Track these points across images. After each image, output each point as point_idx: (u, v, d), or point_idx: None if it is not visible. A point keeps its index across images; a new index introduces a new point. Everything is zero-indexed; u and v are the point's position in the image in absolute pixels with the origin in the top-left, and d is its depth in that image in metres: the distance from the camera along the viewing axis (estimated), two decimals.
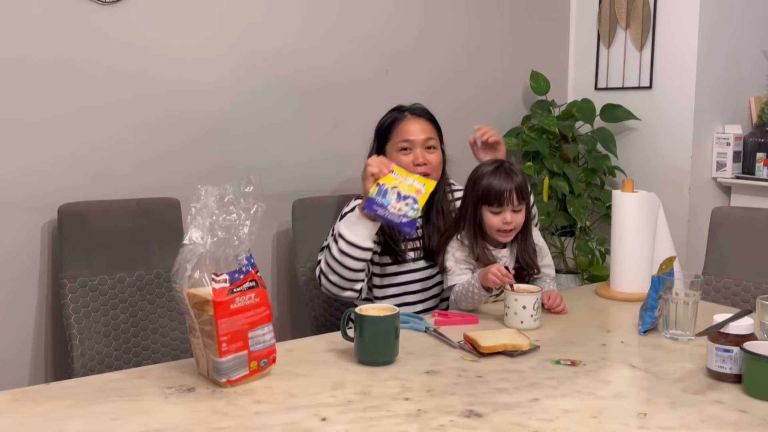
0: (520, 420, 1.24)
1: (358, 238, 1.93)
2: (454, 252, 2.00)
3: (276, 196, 2.49)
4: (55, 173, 2.23)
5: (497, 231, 1.96)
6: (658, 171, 3.13)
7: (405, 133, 2.09)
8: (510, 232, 1.97)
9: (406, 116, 2.13)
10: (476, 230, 1.99)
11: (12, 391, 1.36)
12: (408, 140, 2.08)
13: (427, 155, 2.09)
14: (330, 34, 2.73)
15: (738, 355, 1.39)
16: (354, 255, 1.94)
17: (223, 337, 1.34)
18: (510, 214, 1.95)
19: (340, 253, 1.94)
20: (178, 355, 2.23)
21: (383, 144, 2.13)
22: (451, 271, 1.98)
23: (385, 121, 2.16)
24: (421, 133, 2.10)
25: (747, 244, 2.25)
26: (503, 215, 1.95)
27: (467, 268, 1.98)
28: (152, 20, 2.36)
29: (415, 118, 2.12)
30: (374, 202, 1.86)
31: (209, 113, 2.49)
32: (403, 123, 2.11)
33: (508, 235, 1.98)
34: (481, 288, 1.85)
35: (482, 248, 1.98)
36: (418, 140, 2.08)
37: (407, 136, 2.09)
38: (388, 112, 2.19)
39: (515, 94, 3.29)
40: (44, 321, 2.27)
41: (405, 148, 2.08)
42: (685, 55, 3.03)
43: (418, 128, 2.10)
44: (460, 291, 1.91)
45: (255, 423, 1.23)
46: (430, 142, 2.10)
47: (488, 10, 3.14)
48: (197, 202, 1.38)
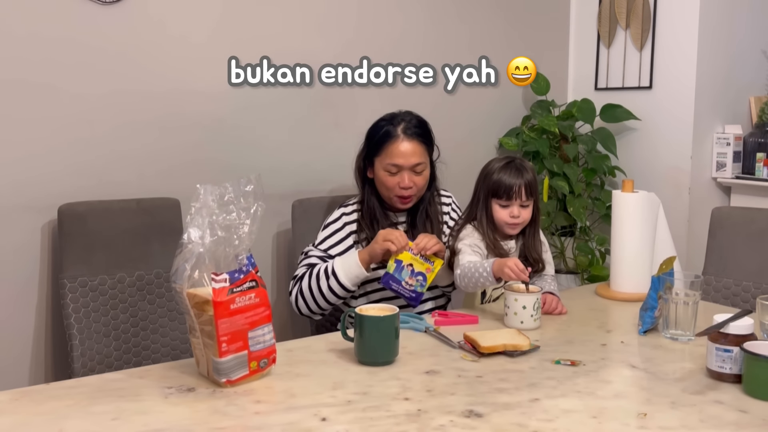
0: (520, 420, 1.24)
1: (350, 283, 2.01)
2: (468, 238, 2.02)
3: (276, 196, 2.49)
4: (55, 173, 2.23)
5: (505, 224, 2.01)
6: (658, 171, 3.13)
7: (395, 155, 2.05)
8: (517, 226, 2.01)
9: (399, 137, 2.06)
10: (486, 222, 2.03)
11: (12, 391, 1.36)
12: (397, 165, 2.06)
13: (414, 178, 2.07)
14: (330, 34, 2.73)
15: (738, 355, 1.39)
16: (340, 294, 2.03)
17: (223, 337, 1.34)
18: (518, 208, 1.99)
19: (328, 289, 2.01)
20: (178, 355, 2.23)
21: (372, 155, 2.11)
22: (463, 252, 1.98)
23: (377, 131, 2.11)
24: (412, 156, 2.06)
25: (747, 244, 2.25)
26: (511, 209, 1.99)
27: (478, 252, 1.99)
28: (152, 20, 2.36)
29: (408, 139, 2.06)
30: (392, 277, 1.93)
31: (209, 113, 2.49)
32: (395, 144, 2.06)
33: (515, 228, 2.02)
34: (491, 275, 1.84)
35: (492, 238, 2.01)
36: (407, 165, 2.06)
37: (397, 160, 2.05)
38: (381, 120, 2.13)
39: (515, 94, 3.29)
40: (44, 321, 2.27)
41: (393, 172, 2.07)
42: (685, 55, 3.03)
43: (410, 151, 2.06)
44: (468, 269, 1.90)
45: (255, 423, 1.23)
46: (418, 167, 2.08)
47: (488, 10, 3.14)
48: (197, 202, 1.38)
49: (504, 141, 3.17)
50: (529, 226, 2.04)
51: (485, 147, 3.18)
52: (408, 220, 2.16)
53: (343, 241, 2.11)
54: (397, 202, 2.10)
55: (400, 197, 2.08)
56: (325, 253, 2.10)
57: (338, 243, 2.11)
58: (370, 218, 2.12)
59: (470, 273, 1.88)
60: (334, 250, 2.10)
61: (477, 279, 1.87)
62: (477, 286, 1.90)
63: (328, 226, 2.14)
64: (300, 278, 2.07)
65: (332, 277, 2.00)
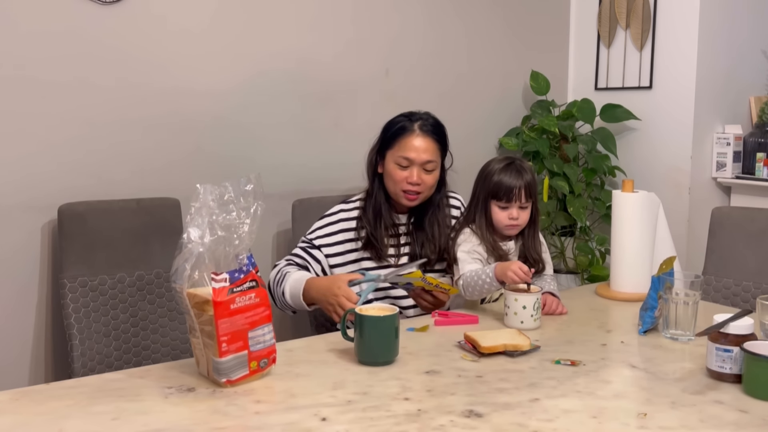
0: (520, 420, 1.24)
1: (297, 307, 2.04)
2: (465, 243, 2.02)
3: (276, 196, 2.49)
4: (56, 173, 2.23)
5: (503, 226, 2.00)
6: (658, 171, 3.13)
7: (408, 149, 2.06)
8: (515, 228, 2.01)
9: (414, 131, 2.08)
10: (487, 224, 2.02)
11: (12, 391, 1.36)
12: (408, 158, 2.06)
13: (423, 175, 2.07)
14: (330, 35, 2.73)
15: (738, 355, 1.39)
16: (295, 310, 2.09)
17: (223, 337, 1.34)
18: (517, 210, 1.99)
19: (283, 302, 2.04)
20: (178, 355, 2.23)
21: (385, 148, 2.12)
22: (463, 260, 1.99)
23: (393, 125, 2.12)
24: (424, 153, 2.06)
25: (747, 244, 2.25)
26: (510, 211, 1.99)
27: (477, 258, 1.99)
28: (152, 20, 2.36)
29: (423, 135, 2.08)
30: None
31: (209, 113, 2.49)
32: (410, 138, 2.07)
33: (514, 230, 2.02)
34: (494, 280, 1.84)
35: (491, 240, 2.01)
36: (418, 160, 2.07)
37: (409, 153, 2.06)
38: (400, 115, 2.14)
39: (515, 94, 3.29)
40: (44, 321, 2.27)
41: (404, 165, 2.08)
42: (685, 55, 3.03)
43: (423, 147, 2.07)
44: (470, 278, 1.91)
45: (255, 423, 1.23)
46: (429, 165, 2.08)
47: (488, 10, 3.15)
48: (196, 201, 1.38)
49: (504, 141, 3.17)
50: (528, 227, 2.04)
51: (485, 147, 3.18)
52: (413, 221, 2.15)
53: (332, 235, 2.12)
54: (403, 197, 2.09)
55: (406, 193, 2.08)
56: (310, 243, 2.11)
57: (328, 235, 2.12)
58: (374, 213, 2.11)
59: (474, 282, 1.89)
60: (321, 241, 2.11)
61: (481, 287, 1.88)
62: (482, 293, 1.91)
63: (324, 218, 2.15)
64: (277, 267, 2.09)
65: (284, 294, 2.03)
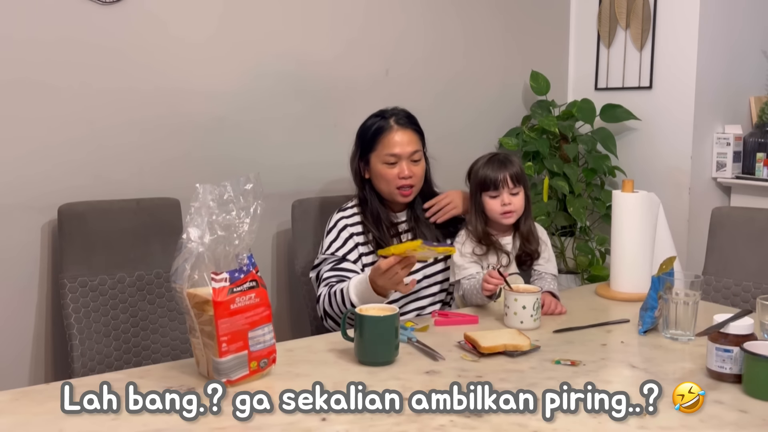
0: (520, 420, 1.24)
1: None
2: (460, 247, 2.06)
3: (276, 196, 2.49)
4: (55, 173, 2.23)
5: (499, 215, 2.04)
6: (658, 171, 3.12)
7: (391, 146, 2.07)
8: (511, 214, 2.05)
9: (392, 127, 2.09)
10: (480, 218, 2.08)
11: (12, 391, 1.36)
12: (395, 154, 2.07)
13: (412, 167, 2.09)
14: (330, 35, 2.73)
15: (738, 355, 1.39)
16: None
17: (223, 337, 1.34)
18: (508, 196, 2.04)
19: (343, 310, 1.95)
20: (178, 355, 2.23)
21: (367, 152, 2.12)
22: (459, 266, 2.04)
23: (368, 128, 2.12)
24: (408, 145, 2.08)
25: (747, 244, 2.25)
26: (501, 198, 2.04)
27: (473, 261, 2.04)
28: (152, 20, 2.36)
29: (401, 129, 2.09)
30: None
31: (209, 113, 2.49)
32: (390, 134, 2.08)
33: (510, 217, 2.05)
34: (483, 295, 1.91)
35: (487, 235, 2.06)
36: (404, 153, 2.07)
37: (394, 149, 2.07)
38: (371, 117, 2.15)
39: (515, 94, 3.29)
40: (44, 321, 2.27)
41: (392, 162, 2.08)
42: (685, 55, 3.03)
43: (405, 140, 2.08)
44: (469, 292, 1.98)
45: (255, 423, 1.23)
46: (415, 155, 2.09)
47: (488, 10, 3.14)
48: (196, 201, 1.38)
49: (504, 141, 3.17)
50: (521, 217, 2.08)
51: (485, 147, 3.16)
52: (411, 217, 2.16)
53: (346, 242, 2.10)
54: (398, 195, 2.10)
55: (400, 189, 2.08)
56: (333, 256, 2.09)
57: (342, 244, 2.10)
58: (374, 219, 2.12)
59: (471, 295, 1.98)
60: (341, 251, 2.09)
61: (479, 299, 1.95)
62: (481, 303, 1.97)
63: (330, 231, 2.14)
64: (320, 297, 2.02)
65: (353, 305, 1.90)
